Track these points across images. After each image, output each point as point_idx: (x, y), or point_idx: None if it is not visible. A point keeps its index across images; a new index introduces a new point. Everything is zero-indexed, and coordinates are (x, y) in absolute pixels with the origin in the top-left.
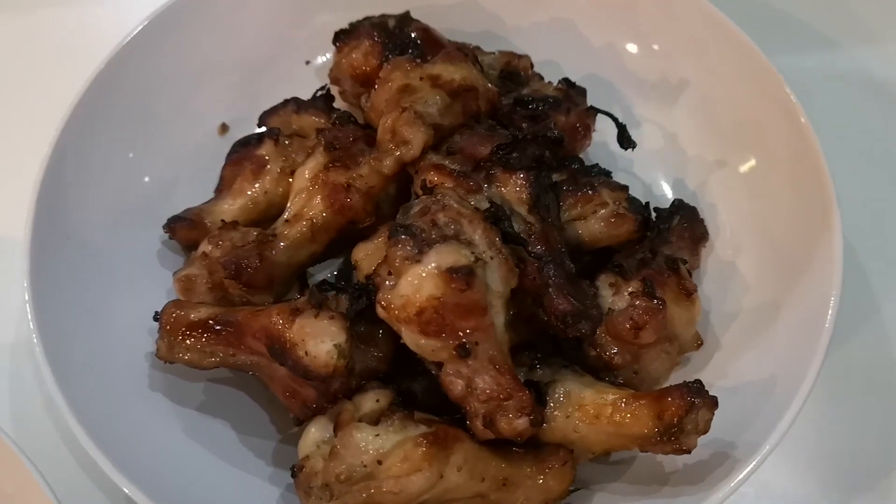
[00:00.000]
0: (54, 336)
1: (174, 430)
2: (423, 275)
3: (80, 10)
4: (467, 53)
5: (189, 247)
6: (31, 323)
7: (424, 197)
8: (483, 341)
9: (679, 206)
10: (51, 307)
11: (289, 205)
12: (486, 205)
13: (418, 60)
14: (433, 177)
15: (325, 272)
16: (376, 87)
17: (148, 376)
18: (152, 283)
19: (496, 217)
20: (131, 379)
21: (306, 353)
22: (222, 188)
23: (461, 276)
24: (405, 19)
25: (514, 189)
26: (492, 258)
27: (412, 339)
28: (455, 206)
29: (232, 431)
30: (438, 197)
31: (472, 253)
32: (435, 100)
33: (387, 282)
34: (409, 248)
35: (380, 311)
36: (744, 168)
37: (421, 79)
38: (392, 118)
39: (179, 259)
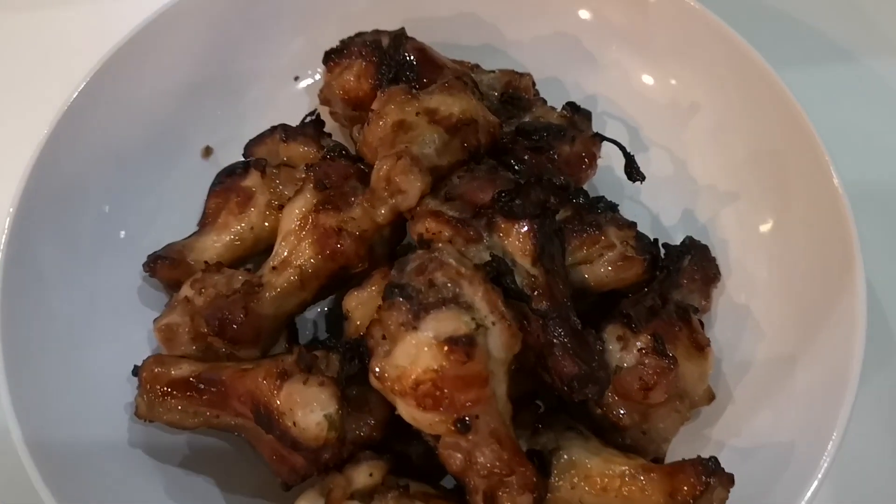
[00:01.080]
0: (23, 382)
1: (155, 489)
2: (421, 345)
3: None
4: (466, 82)
5: (171, 285)
6: None
7: (421, 252)
8: (484, 414)
9: (690, 246)
10: (21, 353)
11: (276, 249)
12: (486, 256)
13: (415, 89)
14: (430, 224)
15: (314, 310)
16: (369, 121)
17: (127, 429)
18: (132, 325)
19: (497, 272)
20: (108, 432)
21: (294, 423)
22: (206, 222)
23: (461, 347)
24: (400, 37)
25: (516, 240)
26: (493, 323)
27: (408, 412)
28: (454, 263)
29: (217, 489)
30: (436, 254)
31: (473, 319)
32: (432, 138)
33: (381, 347)
34: (404, 311)
35: (373, 381)
36: (759, 202)
37: (417, 114)
38: (387, 166)
39: (161, 296)
